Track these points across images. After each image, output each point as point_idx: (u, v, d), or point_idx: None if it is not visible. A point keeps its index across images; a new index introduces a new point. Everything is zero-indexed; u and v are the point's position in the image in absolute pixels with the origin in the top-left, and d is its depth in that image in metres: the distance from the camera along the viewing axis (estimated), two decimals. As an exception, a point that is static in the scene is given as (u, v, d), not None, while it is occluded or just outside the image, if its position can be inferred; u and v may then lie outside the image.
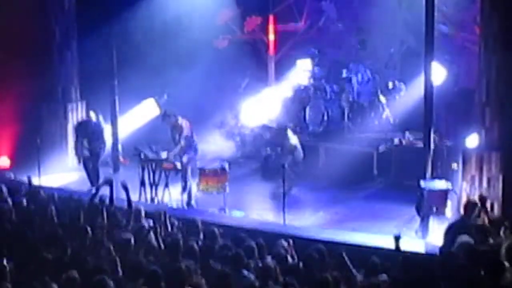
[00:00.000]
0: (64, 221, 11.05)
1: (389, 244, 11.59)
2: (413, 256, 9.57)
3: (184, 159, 15.01)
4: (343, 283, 8.92)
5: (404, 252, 9.75)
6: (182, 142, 15.12)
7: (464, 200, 13.65)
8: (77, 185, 16.15)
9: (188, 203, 14.96)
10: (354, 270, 9.32)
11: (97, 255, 9.46)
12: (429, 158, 13.85)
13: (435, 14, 13.82)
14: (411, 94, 16.77)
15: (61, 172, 17.04)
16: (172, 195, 15.16)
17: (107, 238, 10.06)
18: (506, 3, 13.36)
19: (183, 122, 15.21)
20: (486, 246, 9.63)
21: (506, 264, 8.64)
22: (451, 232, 10.61)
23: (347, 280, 9.07)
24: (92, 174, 16.19)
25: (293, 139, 15.72)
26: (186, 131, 15.17)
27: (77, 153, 16.35)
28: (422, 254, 10.59)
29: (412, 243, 11.77)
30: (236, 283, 8.73)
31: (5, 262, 8.80)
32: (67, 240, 9.80)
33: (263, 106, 18.28)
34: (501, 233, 10.47)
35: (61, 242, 9.68)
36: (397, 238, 9.66)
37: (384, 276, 8.98)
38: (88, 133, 16.19)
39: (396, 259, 9.21)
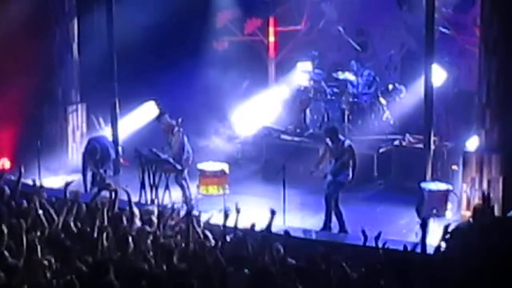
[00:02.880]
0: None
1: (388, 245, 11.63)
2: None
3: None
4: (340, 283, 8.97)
5: (403, 252, 9.75)
6: (180, 139, 15.20)
7: (465, 202, 13.71)
8: (77, 187, 16.11)
9: (187, 203, 14.96)
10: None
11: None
12: (429, 160, 13.90)
13: (435, 16, 13.85)
14: (411, 96, 16.77)
15: (62, 175, 17.03)
16: (172, 197, 15.15)
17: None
18: (506, 5, 13.41)
19: (175, 125, 15.30)
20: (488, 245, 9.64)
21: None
22: (456, 235, 10.61)
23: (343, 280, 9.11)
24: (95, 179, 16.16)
25: None
26: (178, 129, 15.24)
27: (85, 185, 16.16)
28: (422, 255, 10.55)
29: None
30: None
31: None
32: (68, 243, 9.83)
33: (261, 109, 18.25)
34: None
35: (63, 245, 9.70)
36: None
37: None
38: (96, 160, 16.02)
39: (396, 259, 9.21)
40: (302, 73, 18.29)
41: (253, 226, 10.89)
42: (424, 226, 9.86)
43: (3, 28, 16.66)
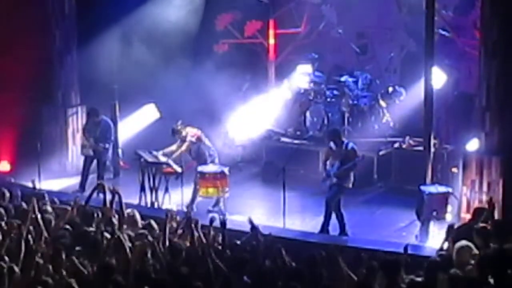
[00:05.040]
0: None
1: (388, 248, 11.65)
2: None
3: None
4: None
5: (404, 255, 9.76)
6: (183, 147, 15.22)
7: (465, 205, 13.70)
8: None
9: (189, 206, 14.98)
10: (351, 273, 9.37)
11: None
12: (429, 163, 13.87)
13: (435, 18, 13.84)
14: (411, 99, 16.76)
15: (61, 177, 17.04)
16: (172, 200, 15.14)
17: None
18: (506, 8, 13.39)
19: (189, 131, 15.31)
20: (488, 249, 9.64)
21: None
22: (455, 237, 10.63)
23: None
24: (86, 178, 16.17)
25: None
26: (190, 139, 15.26)
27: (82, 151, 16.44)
28: (422, 258, 10.57)
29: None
30: None
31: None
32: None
33: (261, 112, 18.22)
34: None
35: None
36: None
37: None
38: (95, 132, 16.15)
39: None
40: (302, 76, 18.27)
41: (252, 228, 10.93)
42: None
43: (3, 31, 16.66)
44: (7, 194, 12.55)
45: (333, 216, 13.91)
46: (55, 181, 16.65)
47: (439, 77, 15.60)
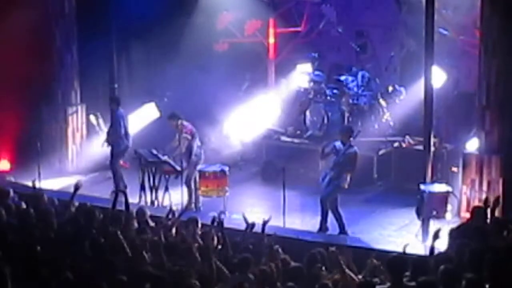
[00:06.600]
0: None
1: (388, 247, 11.66)
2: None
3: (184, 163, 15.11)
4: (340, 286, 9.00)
5: (405, 255, 9.77)
6: (181, 144, 15.24)
7: (465, 204, 13.72)
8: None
9: (195, 206, 15.00)
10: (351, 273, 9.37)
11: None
12: (429, 162, 13.86)
13: (435, 17, 13.85)
14: (411, 98, 16.76)
15: (61, 176, 17.04)
16: (172, 199, 15.14)
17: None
18: (506, 7, 13.41)
19: (183, 125, 15.28)
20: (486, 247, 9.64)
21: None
22: (454, 236, 10.64)
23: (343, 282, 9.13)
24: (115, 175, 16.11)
25: None
26: (184, 134, 15.24)
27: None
28: (421, 257, 10.57)
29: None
30: None
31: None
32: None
33: (261, 111, 18.22)
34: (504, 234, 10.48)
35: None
36: None
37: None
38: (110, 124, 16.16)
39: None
40: (302, 75, 18.28)
41: (252, 226, 10.95)
42: (435, 236, 9.97)
43: (3, 30, 16.66)
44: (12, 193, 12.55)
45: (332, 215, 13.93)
46: (55, 180, 16.65)
47: (439, 76, 15.63)
